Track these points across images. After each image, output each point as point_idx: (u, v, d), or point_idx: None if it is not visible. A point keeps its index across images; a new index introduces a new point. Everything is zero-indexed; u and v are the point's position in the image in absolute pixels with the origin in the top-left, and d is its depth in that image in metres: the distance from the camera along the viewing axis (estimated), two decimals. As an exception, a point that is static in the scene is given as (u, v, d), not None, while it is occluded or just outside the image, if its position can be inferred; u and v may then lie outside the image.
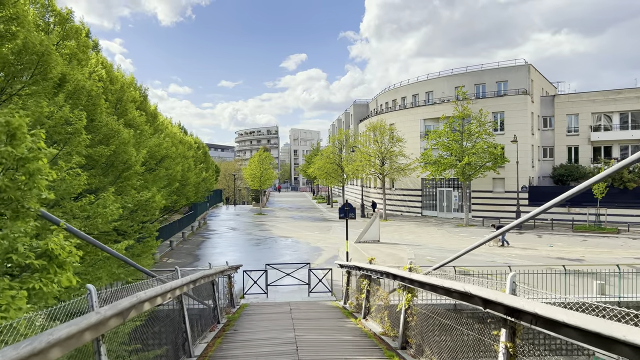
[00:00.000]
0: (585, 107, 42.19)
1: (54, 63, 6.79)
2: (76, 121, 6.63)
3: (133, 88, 18.12)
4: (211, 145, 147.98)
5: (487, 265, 18.30)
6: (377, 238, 28.29)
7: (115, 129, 9.10)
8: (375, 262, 9.52)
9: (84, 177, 6.21)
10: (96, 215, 6.75)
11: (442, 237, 30.63)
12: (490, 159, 36.62)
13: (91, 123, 8.55)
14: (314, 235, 32.15)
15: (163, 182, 15.74)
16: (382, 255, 23.20)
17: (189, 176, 25.64)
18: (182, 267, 20.77)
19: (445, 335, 5.35)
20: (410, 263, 6.57)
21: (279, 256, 23.94)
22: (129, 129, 11.09)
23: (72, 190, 6.05)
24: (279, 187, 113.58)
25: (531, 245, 26.90)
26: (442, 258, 20.32)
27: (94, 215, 6.76)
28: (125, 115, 13.10)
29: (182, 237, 30.30)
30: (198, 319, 8.10)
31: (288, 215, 49.13)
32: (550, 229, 34.25)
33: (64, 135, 6.58)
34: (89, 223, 6.72)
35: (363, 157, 43.62)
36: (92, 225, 6.78)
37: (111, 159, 8.99)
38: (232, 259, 23.10)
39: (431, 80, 47.36)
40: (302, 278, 16.04)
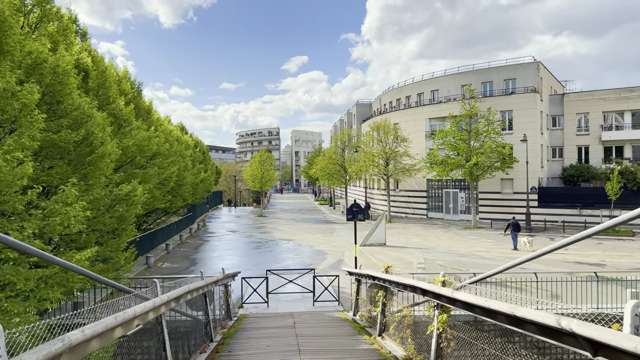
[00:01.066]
0: (596, 105, 40.91)
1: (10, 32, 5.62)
2: (25, 95, 5.39)
3: (126, 81, 16.91)
4: (212, 147, 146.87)
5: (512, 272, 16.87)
6: (383, 241, 27.03)
7: (87, 113, 7.84)
8: (392, 271, 8.27)
9: (29, 165, 4.96)
10: (53, 214, 5.52)
11: (450, 240, 29.35)
12: (498, 159, 35.34)
13: (58, 105, 7.33)
14: (316, 238, 30.89)
15: (154, 181, 14.49)
16: (390, 260, 21.93)
17: (186, 176, 24.39)
18: (177, 272, 19.49)
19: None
20: (444, 276, 5.32)
21: (281, 260, 22.70)
22: (107, 116, 9.86)
23: (11, 182, 4.81)
24: (281, 188, 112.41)
25: (545, 247, 25.58)
26: (454, 263, 19.06)
27: (50, 214, 5.52)
28: (108, 104, 11.86)
29: (179, 240, 29.06)
30: (186, 338, 6.87)
31: (289, 217, 47.88)
32: (562, 231, 32.93)
33: (10, 113, 5.34)
34: (45, 225, 5.48)
35: (367, 157, 42.37)
36: (50, 227, 5.53)
37: (82, 149, 7.73)
38: (231, 264, 21.87)
39: (436, 79, 46.13)
40: (305, 285, 14.80)
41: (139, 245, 22.35)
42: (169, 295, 4.87)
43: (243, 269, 20.44)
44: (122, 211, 8.69)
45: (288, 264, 21.39)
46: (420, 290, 5.56)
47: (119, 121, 12.44)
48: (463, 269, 19.48)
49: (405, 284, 6.12)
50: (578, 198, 36.79)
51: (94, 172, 7.76)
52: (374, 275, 8.40)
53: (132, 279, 15.76)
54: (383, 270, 8.53)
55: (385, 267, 8.48)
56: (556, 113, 42.97)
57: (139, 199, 9.17)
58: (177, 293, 5.14)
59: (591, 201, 35.91)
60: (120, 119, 12.40)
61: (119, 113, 12.22)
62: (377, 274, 8.27)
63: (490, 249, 25.38)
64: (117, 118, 12.30)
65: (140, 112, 18.06)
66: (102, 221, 8.40)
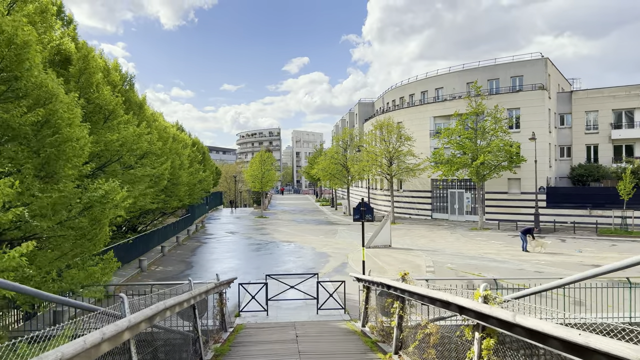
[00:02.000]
0: (605, 103, 39.76)
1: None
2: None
3: (115, 72, 15.77)
4: (212, 147, 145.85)
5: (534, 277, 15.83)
6: (389, 243, 25.91)
7: (52, 92, 6.70)
8: (411, 280, 7.16)
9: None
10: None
11: (458, 242, 28.23)
12: (506, 158, 34.21)
13: (15, 82, 6.24)
14: (318, 239, 29.77)
15: (143, 183, 13.31)
16: (397, 263, 20.82)
17: (181, 174, 23.24)
18: (172, 276, 18.36)
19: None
20: (486, 290, 4.22)
21: (281, 263, 21.58)
22: (86, 104, 8.72)
23: None
24: (282, 189, 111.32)
25: (557, 250, 24.46)
26: (465, 266, 17.92)
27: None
28: (90, 93, 10.72)
29: (176, 242, 27.94)
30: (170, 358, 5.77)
31: (290, 218, 46.76)
32: (573, 233, 31.80)
33: None
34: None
35: (370, 156, 41.25)
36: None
37: (44, 131, 6.57)
38: (229, 267, 20.77)
39: (441, 76, 45.02)
40: (308, 290, 13.69)
41: (132, 248, 21.27)
42: (135, 317, 3.78)
43: (242, 272, 19.34)
44: (97, 213, 7.51)
45: (289, 268, 20.29)
46: (456, 307, 4.45)
47: (104, 112, 11.29)
48: (475, 273, 18.37)
49: (434, 298, 5.00)
50: (588, 198, 35.64)
51: (57, 158, 6.61)
52: (389, 284, 7.28)
53: (121, 285, 14.66)
54: (399, 278, 7.42)
55: (401, 274, 7.37)
56: (564, 111, 41.84)
57: (119, 202, 8.00)
58: (147, 313, 4.03)
59: (602, 201, 34.74)
60: (105, 110, 11.25)
61: (103, 103, 11.07)
62: (393, 282, 7.16)
63: (500, 251, 24.26)
64: (101, 109, 11.16)
65: (132, 106, 16.93)
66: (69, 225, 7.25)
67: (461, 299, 4.30)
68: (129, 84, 18.02)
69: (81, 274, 7.89)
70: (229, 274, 18.86)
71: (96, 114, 11.03)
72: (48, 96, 6.54)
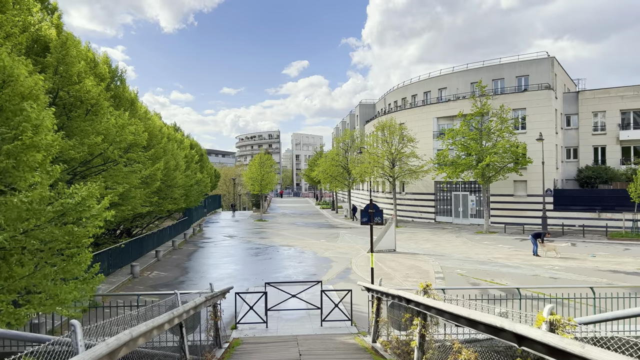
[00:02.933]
0: (613, 103, 38.81)
1: None
2: None
3: (104, 65, 14.72)
4: (211, 150, 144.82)
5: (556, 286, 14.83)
6: (393, 247, 24.88)
7: (11, 73, 5.62)
8: (432, 293, 6.13)
9: None
10: None
11: (464, 246, 27.19)
12: (512, 159, 33.20)
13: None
14: (320, 243, 28.73)
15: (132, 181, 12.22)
16: (403, 268, 19.78)
17: (176, 176, 22.16)
18: (165, 282, 17.28)
19: None
20: (552, 313, 3.19)
21: (282, 269, 20.53)
22: (66, 95, 7.66)
23: None
24: (281, 192, 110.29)
25: (569, 254, 23.43)
26: (475, 271, 16.84)
27: None
28: (71, 84, 9.67)
29: (172, 246, 26.89)
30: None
31: (290, 221, 45.69)
32: (582, 236, 30.78)
33: None
34: None
35: (371, 158, 40.23)
36: None
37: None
38: (227, 273, 19.72)
39: (444, 76, 44.07)
40: (311, 299, 12.66)
41: (124, 253, 20.23)
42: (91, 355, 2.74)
43: (240, 279, 18.31)
44: (70, 227, 6.39)
45: (289, 274, 19.24)
46: (511, 336, 3.42)
47: (86, 105, 10.22)
48: (488, 279, 17.34)
49: (476, 321, 3.97)
50: (597, 201, 34.61)
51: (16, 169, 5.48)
52: (410, 298, 6.24)
53: (107, 296, 13.60)
54: (420, 290, 6.39)
55: (422, 285, 6.35)
56: (570, 112, 40.89)
57: (99, 212, 6.88)
58: (104, 351, 2.98)
59: (611, 204, 33.73)
60: (87, 103, 10.17)
61: (85, 96, 9.98)
62: (413, 296, 6.12)
63: (510, 256, 23.22)
64: (82, 102, 10.08)
65: (123, 102, 15.91)
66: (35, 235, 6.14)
67: (521, 327, 3.27)
68: (120, 80, 16.99)
69: (52, 291, 6.73)
70: (226, 281, 17.82)
71: (76, 107, 9.97)
72: (7, 78, 5.42)
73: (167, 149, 22.93)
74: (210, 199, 61.20)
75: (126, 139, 10.68)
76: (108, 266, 18.40)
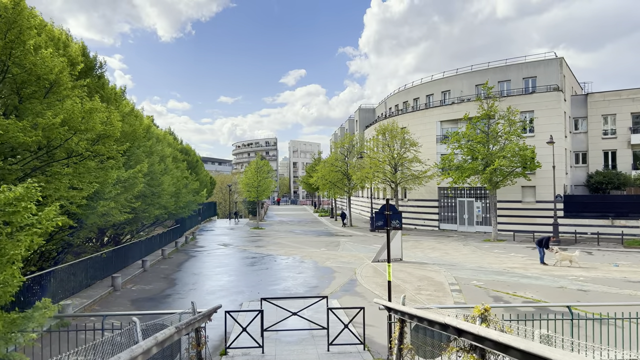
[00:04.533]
0: (624, 106, 37.37)
1: None
2: None
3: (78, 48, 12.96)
4: (208, 158, 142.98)
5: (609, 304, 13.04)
6: (400, 256, 23.10)
7: None
8: (493, 321, 4.38)
9: None
10: None
11: (474, 254, 25.45)
12: (520, 163, 31.50)
13: None
14: (320, 252, 26.91)
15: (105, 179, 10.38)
16: (414, 279, 18.00)
17: (164, 180, 20.33)
18: (150, 296, 15.39)
19: None
20: None
21: (280, 280, 18.70)
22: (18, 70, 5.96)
23: None
24: (278, 199, 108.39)
25: (589, 264, 21.71)
26: (493, 283, 14.93)
27: None
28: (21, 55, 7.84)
29: (161, 256, 25.01)
30: None
31: (288, 229, 43.85)
32: (597, 244, 29.09)
33: None
34: None
35: (373, 162, 38.53)
36: None
37: None
38: (219, 285, 17.87)
39: (448, 79, 42.57)
40: (314, 317, 10.89)
41: (107, 263, 18.40)
42: None
43: (233, 291, 16.47)
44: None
45: (288, 286, 17.42)
46: None
47: (43, 83, 8.39)
48: (509, 292, 15.56)
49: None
50: (609, 207, 33.01)
51: None
52: (463, 327, 4.48)
53: (74, 317, 11.75)
54: (474, 315, 4.63)
55: (479, 310, 4.60)
56: (579, 115, 39.41)
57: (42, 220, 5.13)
58: None
59: (625, 210, 32.13)
60: (44, 80, 8.35)
61: (42, 71, 8.17)
62: (468, 326, 4.36)
63: (526, 265, 21.47)
64: (39, 80, 8.28)
65: (105, 99, 14.12)
66: None
67: None
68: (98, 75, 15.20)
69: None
70: (218, 294, 16.00)
71: (31, 84, 8.19)
72: None
73: (155, 151, 21.18)
74: (206, 207, 59.29)
75: (94, 128, 8.82)
76: (87, 278, 16.57)
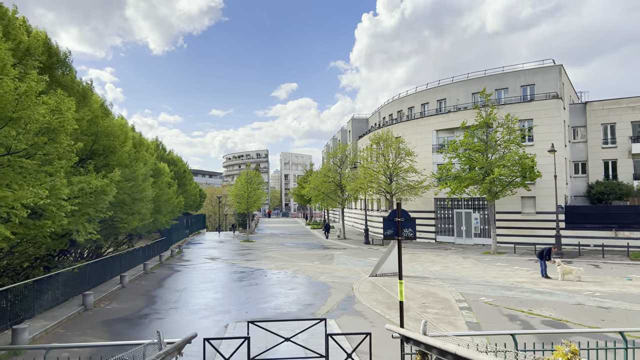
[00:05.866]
0: (624, 115, 36.53)
1: None
2: None
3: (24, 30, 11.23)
4: (198, 171, 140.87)
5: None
6: (399, 270, 21.58)
7: None
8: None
9: None
10: None
11: (476, 268, 24.04)
12: (521, 173, 30.25)
13: None
14: (313, 266, 25.34)
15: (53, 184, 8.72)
16: (417, 296, 16.47)
17: (145, 187, 18.71)
18: (124, 316, 13.58)
19: None
20: None
21: (270, 297, 17.07)
22: None
23: None
24: (269, 212, 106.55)
25: (598, 277, 20.38)
26: (504, 299, 12.85)
27: None
28: None
29: (143, 270, 23.27)
30: None
31: (279, 241, 42.17)
32: (602, 257, 27.86)
33: None
34: None
35: (367, 172, 37.14)
36: None
37: None
38: (203, 303, 16.21)
39: (443, 87, 41.57)
40: (309, 341, 9.35)
41: (80, 279, 16.69)
42: None
43: (218, 311, 14.82)
44: None
45: (280, 303, 15.81)
46: None
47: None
48: (524, 310, 14.10)
49: None
50: (612, 218, 31.88)
51: None
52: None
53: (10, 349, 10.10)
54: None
55: (564, 355, 3.11)
56: (577, 124, 38.51)
57: None
58: None
59: (629, 221, 31.02)
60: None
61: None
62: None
63: (535, 280, 20.07)
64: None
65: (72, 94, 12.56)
66: None
67: None
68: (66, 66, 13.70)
69: None
70: (201, 314, 14.35)
71: None
72: None
73: (136, 158, 19.59)
74: (194, 219, 57.45)
75: (34, 118, 7.11)
76: (56, 295, 14.85)
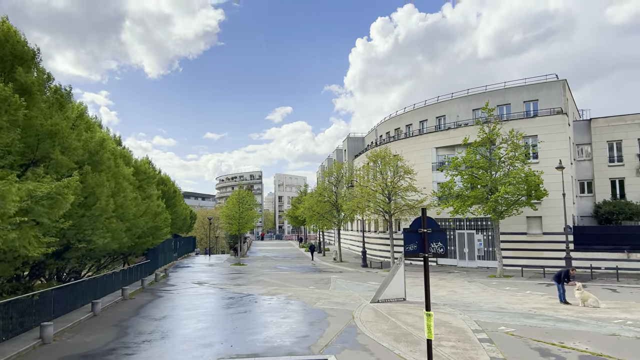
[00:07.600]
0: (630, 132, 35.29)
1: None
2: None
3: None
4: (190, 193, 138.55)
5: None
6: (403, 295, 19.64)
7: None
8: None
9: None
10: None
11: (485, 293, 22.10)
12: (527, 191, 28.59)
13: None
14: (309, 291, 23.30)
15: None
16: (427, 326, 14.48)
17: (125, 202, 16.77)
18: (86, 351, 11.04)
19: None
20: None
21: (261, 327, 14.99)
22: None
23: None
24: (262, 234, 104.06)
25: (622, 304, 18.51)
26: (525, 329, 9.30)
27: None
28: None
29: (121, 296, 21.10)
30: None
31: (272, 265, 40.01)
32: (616, 280, 26.04)
33: None
34: None
35: (364, 191, 35.35)
36: None
37: None
38: (183, 335, 14.10)
39: (442, 103, 40.30)
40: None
41: (41, 306, 14.59)
42: None
43: (200, 344, 12.72)
44: None
45: (271, 335, 13.74)
46: None
47: None
48: (554, 343, 12.15)
49: None
50: (623, 239, 30.22)
51: None
52: None
53: None
54: None
55: None
56: (582, 141, 37.19)
57: None
58: None
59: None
60: None
61: None
62: None
63: (553, 306, 18.16)
64: None
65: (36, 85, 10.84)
66: None
67: None
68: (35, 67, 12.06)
69: None
70: (178, 349, 12.23)
71: None
72: None
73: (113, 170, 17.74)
74: (183, 241, 55.11)
75: None
76: (6, 328, 12.69)
